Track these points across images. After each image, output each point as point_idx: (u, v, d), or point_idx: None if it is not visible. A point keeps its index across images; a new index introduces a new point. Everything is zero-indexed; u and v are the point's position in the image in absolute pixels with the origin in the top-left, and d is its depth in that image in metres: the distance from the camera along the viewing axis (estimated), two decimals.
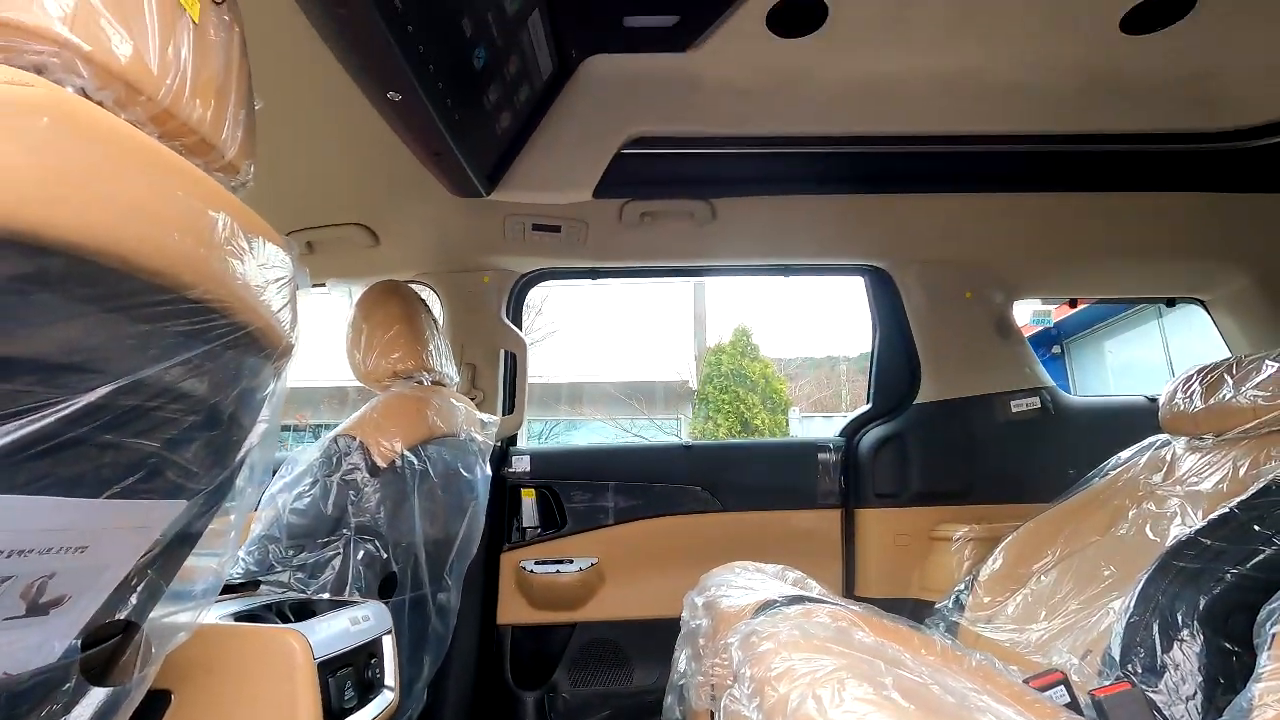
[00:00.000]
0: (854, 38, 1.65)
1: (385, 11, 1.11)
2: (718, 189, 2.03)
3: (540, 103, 1.77)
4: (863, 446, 2.21)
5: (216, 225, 0.62)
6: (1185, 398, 1.54)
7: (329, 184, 1.88)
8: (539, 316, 11.34)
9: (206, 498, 0.74)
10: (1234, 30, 1.61)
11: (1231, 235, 2.10)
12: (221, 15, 0.69)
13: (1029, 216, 2.12)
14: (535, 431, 11.42)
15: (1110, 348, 9.67)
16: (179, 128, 0.62)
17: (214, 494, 0.76)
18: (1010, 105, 1.83)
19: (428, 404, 1.53)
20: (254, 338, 0.71)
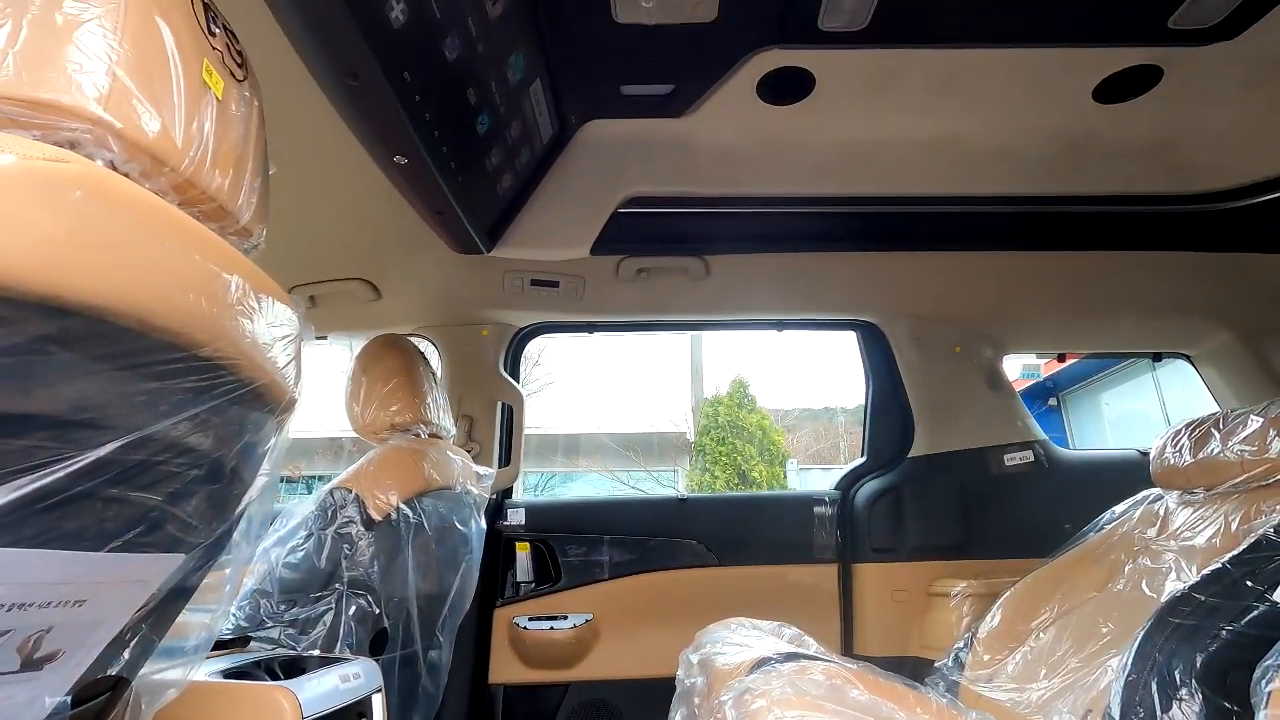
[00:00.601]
0: (840, 105, 1.73)
1: (394, 83, 1.17)
2: (711, 246, 2.09)
3: (540, 164, 1.84)
4: (858, 500, 2.21)
5: (230, 286, 0.65)
6: (1175, 452, 1.56)
7: (334, 241, 1.94)
8: (536, 368, 11.37)
9: (204, 551, 0.75)
10: (1198, 102, 1.70)
11: (1212, 292, 2.16)
12: (243, 91, 0.73)
13: (1014, 274, 2.18)
14: (531, 484, 11.31)
15: (1106, 400, 9.71)
16: (199, 196, 0.66)
17: (212, 547, 0.77)
18: (991, 169, 1.91)
19: (424, 456, 1.54)
20: (259, 393, 0.73)
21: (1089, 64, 1.62)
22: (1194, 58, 1.58)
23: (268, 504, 0.83)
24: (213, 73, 0.68)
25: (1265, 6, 1.44)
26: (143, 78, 0.59)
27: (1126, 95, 1.71)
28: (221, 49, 0.70)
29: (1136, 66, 1.62)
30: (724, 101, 1.73)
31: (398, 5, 1.09)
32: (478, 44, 1.33)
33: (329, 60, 1.10)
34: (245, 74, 0.75)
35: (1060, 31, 1.53)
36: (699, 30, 1.50)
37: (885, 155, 1.88)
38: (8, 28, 0.55)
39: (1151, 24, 1.49)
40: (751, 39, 1.55)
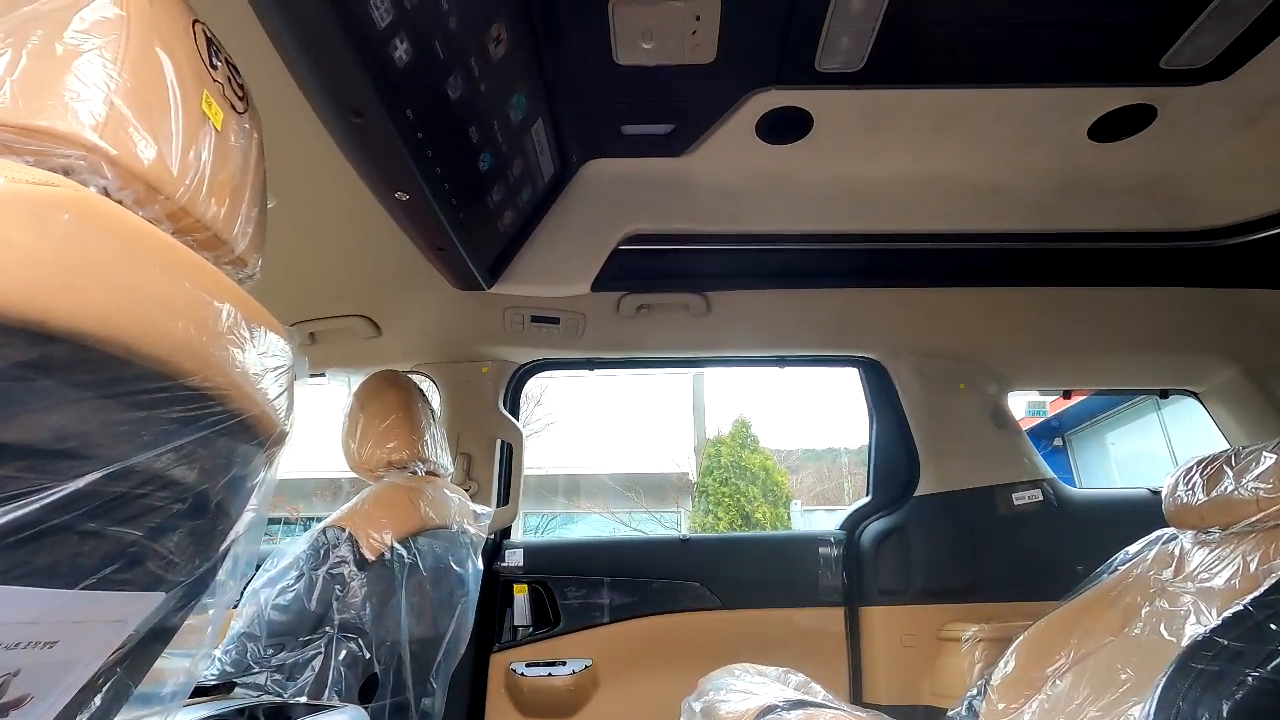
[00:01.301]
0: (838, 144, 1.75)
1: (397, 121, 1.19)
2: (712, 282, 2.09)
3: (542, 202, 1.85)
4: (864, 540, 2.16)
5: (220, 315, 0.64)
6: (1187, 490, 1.53)
7: (335, 277, 1.94)
8: (538, 407, 11.34)
9: (186, 590, 0.72)
10: (1193, 140, 1.72)
11: (1216, 329, 2.15)
12: (243, 123, 0.74)
13: (1017, 310, 2.17)
14: (531, 525, 11.16)
15: (1112, 440, 9.63)
16: (193, 224, 0.66)
17: (194, 586, 0.74)
18: (990, 206, 1.92)
19: (420, 494, 1.51)
20: (248, 425, 0.72)
21: (1083, 103, 1.64)
22: (1187, 97, 1.60)
23: (254, 542, 0.81)
24: (212, 104, 0.68)
25: (1255, 47, 1.46)
26: (140, 106, 0.59)
27: (1121, 134, 1.73)
28: (223, 81, 0.71)
29: (1130, 106, 1.64)
30: (723, 141, 1.75)
31: (401, 45, 1.11)
32: (480, 84, 1.35)
33: (333, 97, 1.12)
34: (246, 106, 0.75)
35: (1054, 72, 1.55)
36: (698, 72, 1.52)
37: (884, 192, 1.89)
38: (7, 56, 0.55)
39: (1143, 65, 1.52)
40: (750, 80, 1.58)
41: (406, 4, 1.08)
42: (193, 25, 0.68)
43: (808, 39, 1.44)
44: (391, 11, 1.06)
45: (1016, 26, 1.43)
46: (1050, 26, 1.43)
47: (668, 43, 1.45)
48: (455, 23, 1.20)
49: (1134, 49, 1.48)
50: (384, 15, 1.05)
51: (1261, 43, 1.45)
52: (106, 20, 0.60)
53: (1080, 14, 1.40)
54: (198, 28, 0.69)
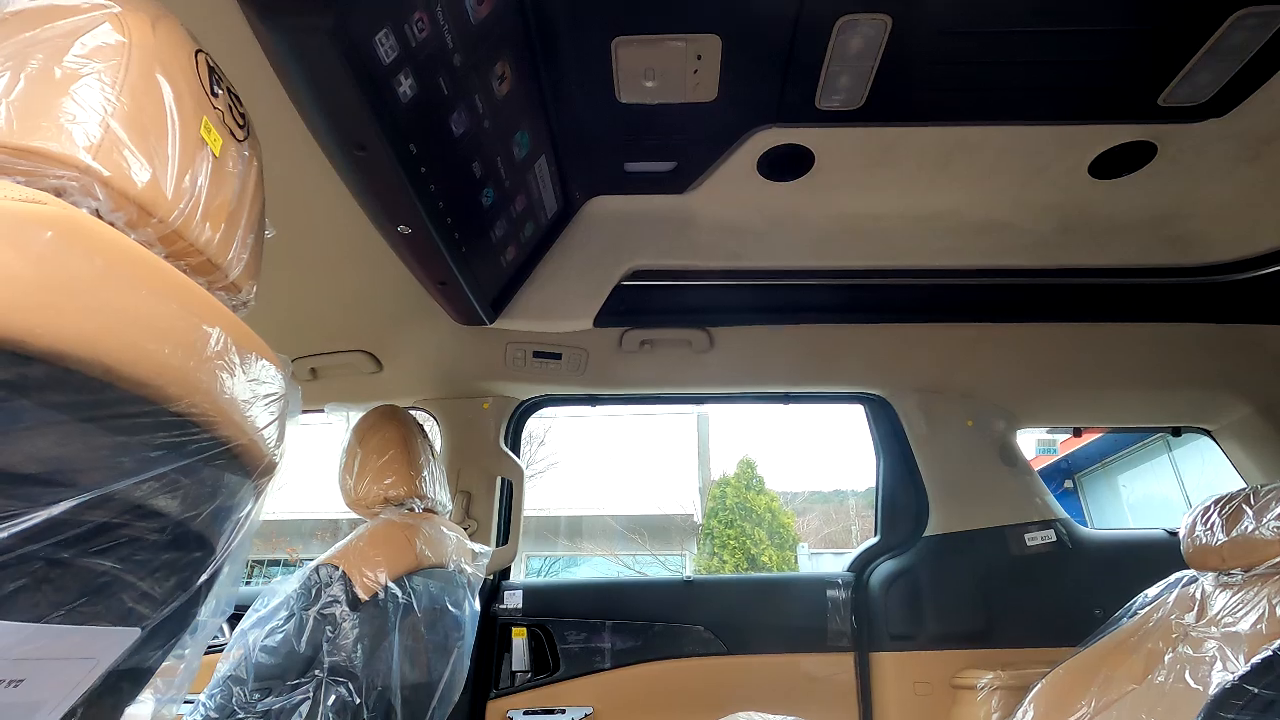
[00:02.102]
0: (840, 181, 1.76)
1: (401, 155, 1.20)
2: (714, 318, 2.08)
3: (545, 238, 1.86)
4: (873, 582, 2.10)
5: (209, 339, 0.62)
6: (1206, 530, 1.49)
7: (337, 312, 1.94)
8: (541, 447, 11.27)
9: (163, 627, 0.69)
10: (1195, 177, 1.72)
11: (1227, 365, 2.12)
12: (242, 150, 0.74)
13: (1024, 346, 2.15)
14: (534, 568, 10.96)
15: (1124, 482, 9.48)
16: (186, 248, 0.65)
17: (171, 623, 0.71)
18: (993, 242, 1.92)
19: (417, 532, 1.48)
20: (235, 454, 0.70)
21: (1083, 141, 1.65)
22: (1187, 134, 1.61)
23: (238, 578, 0.78)
24: (211, 130, 0.68)
25: (1252, 86, 1.47)
26: (137, 130, 0.59)
27: (1122, 170, 1.74)
28: (223, 109, 0.71)
29: (1130, 143, 1.65)
30: (725, 178, 1.77)
31: (406, 81, 1.12)
32: (484, 120, 1.36)
33: (337, 132, 1.13)
34: (246, 134, 0.76)
35: (1052, 110, 1.57)
36: (700, 110, 1.54)
37: (886, 228, 1.90)
38: (5, 79, 0.55)
39: (1142, 102, 1.53)
40: (751, 118, 1.59)
41: (412, 42, 1.09)
42: (195, 54, 0.69)
43: (807, 78, 1.46)
44: (397, 49, 1.07)
45: (1013, 65, 1.45)
46: (1047, 65, 1.45)
47: (669, 82, 1.47)
48: (460, 60, 1.22)
49: (1131, 87, 1.49)
50: (389, 52, 1.06)
51: (1258, 81, 1.46)
52: (108, 46, 0.60)
53: (1076, 53, 1.42)
54: (200, 57, 0.70)
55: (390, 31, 1.05)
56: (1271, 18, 1.30)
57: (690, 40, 1.38)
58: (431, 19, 1.11)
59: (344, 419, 1.63)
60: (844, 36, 1.36)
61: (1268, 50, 1.37)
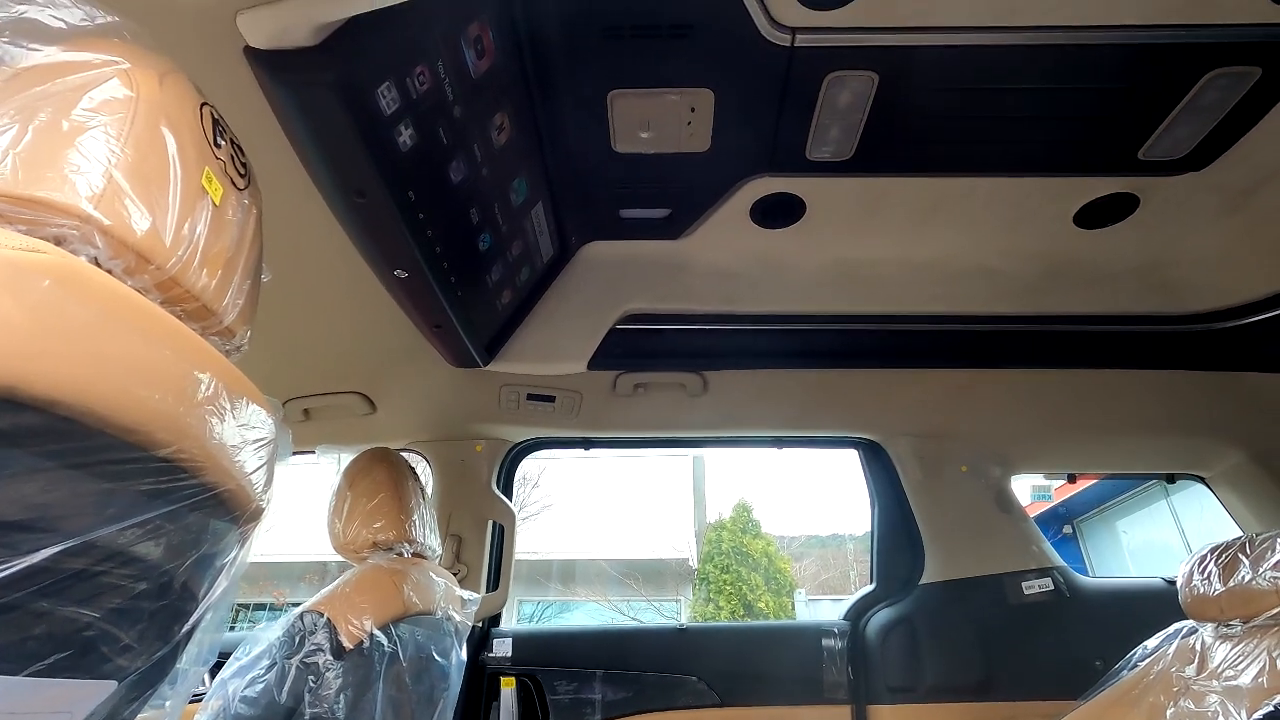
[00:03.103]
0: (831, 229, 1.80)
1: (399, 202, 1.22)
2: (708, 362, 2.09)
3: (540, 282, 1.88)
4: (869, 631, 2.06)
5: (199, 385, 0.63)
6: (1203, 580, 1.47)
7: (331, 353, 1.94)
8: (535, 489, 11.15)
9: (141, 678, 0.68)
10: (1178, 228, 1.76)
11: (1219, 412, 2.13)
12: (242, 199, 0.75)
13: (1017, 392, 2.16)
14: (526, 613, 10.73)
15: (1124, 528, 9.41)
16: (183, 294, 0.66)
17: (150, 674, 0.69)
18: (983, 289, 1.95)
19: (405, 578, 1.45)
20: (222, 500, 0.69)
21: (1067, 192, 1.70)
22: (1168, 186, 1.65)
23: (220, 626, 0.76)
24: (213, 180, 0.70)
25: (1229, 141, 1.52)
26: (139, 180, 0.61)
27: (1106, 221, 1.78)
28: (225, 159, 0.73)
29: (1113, 195, 1.69)
30: (719, 225, 1.80)
31: (406, 131, 1.15)
32: (482, 168, 1.40)
33: (337, 179, 1.15)
34: (247, 184, 0.77)
35: (1036, 162, 1.61)
36: (693, 160, 1.58)
37: (878, 276, 1.92)
38: (13, 131, 0.57)
39: (1123, 156, 1.58)
40: (743, 168, 1.63)
41: (413, 94, 1.13)
42: (201, 107, 0.71)
43: (798, 130, 1.50)
44: (398, 101, 1.11)
45: (997, 120, 1.50)
46: (1029, 120, 1.50)
47: (664, 133, 1.51)
48: (459, 111, 1.25)
49: (1112, 141, 1.54)
50: (390, 104, 1.09)
51: (1234, 137, 1.51)
52: (115, 100, 0.62)
53: (1058, 109, 1.46)
54: (205, 110, 0.72)
55: (392, 84, 1.08)
56: (1242, 78, 1.36)
57: (684, 93, 1.42)
58: (432, 72, 1.14)
59: (334, 460, 1.62)
60: (833, 91, 1.41)
61: (1241, 108, 1.42)
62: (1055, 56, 1.33)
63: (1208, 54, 1.32)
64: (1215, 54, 1.31)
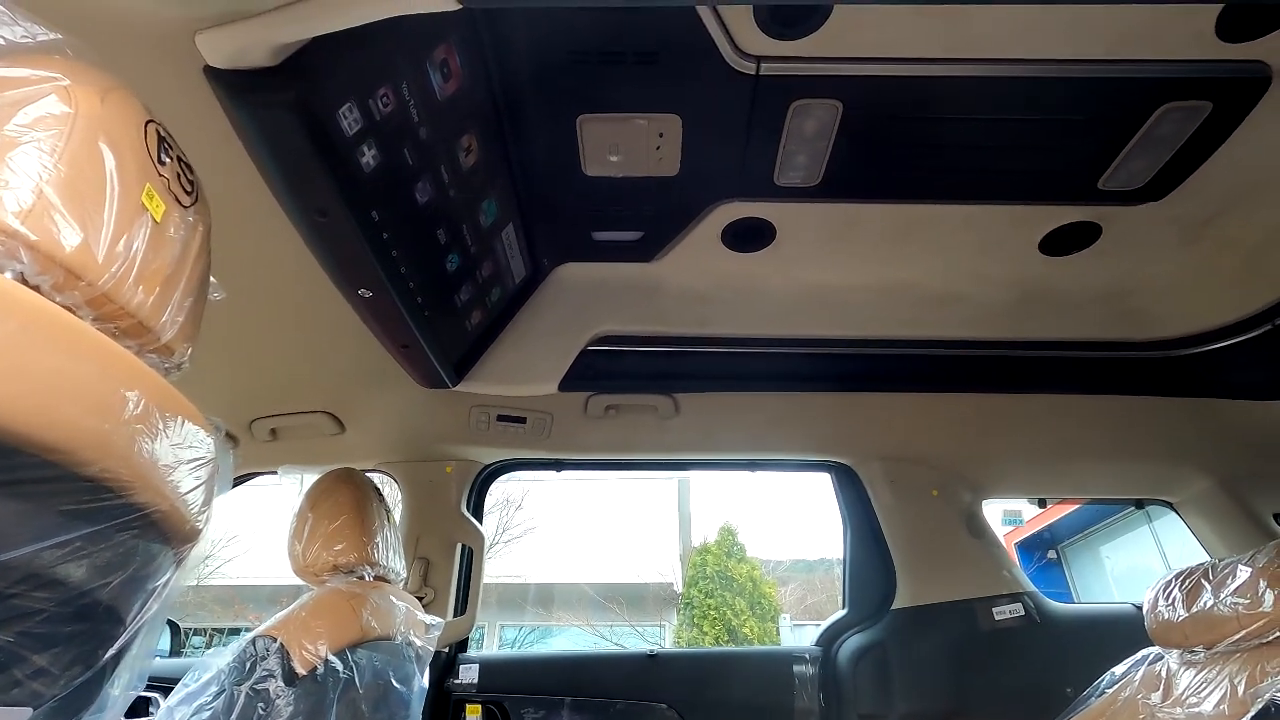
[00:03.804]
0: (801, 253, 1.81)
1: (362, 221, 1.22)
2: (681, 384, 2.09)
3: (512, 303, 1.88)
4: (841, 657, 2.04)
5: (128, 403, 0.62)
6: (1168, 606, 1.48)
7: (299, 372, 1.93)
8: (518, 511, 11.04)
9: (61, 706, 0.65)
10: (1139, 256, 1.79)
11: (1186, 438, 2.15)
12: (186, 216, 0.75)
13: (988, 416, 2.17)
14: (509, 639, 10.54)
15: (1106, 553, 9.43)
16: (116, 311, 0.65)
17: (73, 699, 0.67)
18: (953, 315, 1.97)
19: (364, 602, 1.42)
20: (153, 521, 0.68)
21: (1032, 220, 1.72)
22: (1128, 216, 1.68)
23: (150, 651, 0.74)
24: (154, 196, 0.69)
25: (1185, 172, 1.56)
26: (72, 196, 0.60)
27: (1071, 249, 1.80)
28: (169, 176, 0.73)
29: (1076, 223, 1.72)
30: (691, 248, 1.81)
31: (369, 151, 1.16)
32: (450, 189, 1.40)
33: (298, 198, 1.15)
34: (194, 201, 0.77)
35: (1001, 190, 1.64)
36: (664, 183, 1.60)
37: (849, 300, 1.94)
38: None
39: (1084, 185, 1.61)
40: (713, 193, 1.65)
41: (376, 115, 1.13)
42: (145, 125, 0.71)
43: (766, 156, 1.52)
44: (360, 122, 1.11)
45: (961, 148, 1.53)
46: (993, 149, 1.53)
47: (633, 157, 1.53)
48: (425, 133, 1.26)
49: (1073, 171, 1.57)
50: (352, 125, 1.10)
51: (1190, 168, 1.54)
52: (51, 116, 0.62)
53: (1020, 139, 1.49)
54: (151, 127, 0.72)
55: (354, 105, 1.09)
56: (1195, 112, 1.39)
57: (652, 119, 1.44)
58: (397, 94, 1.15)
59: (297, 481, 1.60)
60: (798, 119, 1.43)
61: (1195, 140, 1.46)
62: (1014, 88, 1.36)
63: (1160, 88, 1.35)
64: (1167, 88, 1.35)
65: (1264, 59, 1.28)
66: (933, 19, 1.23)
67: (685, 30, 1.24)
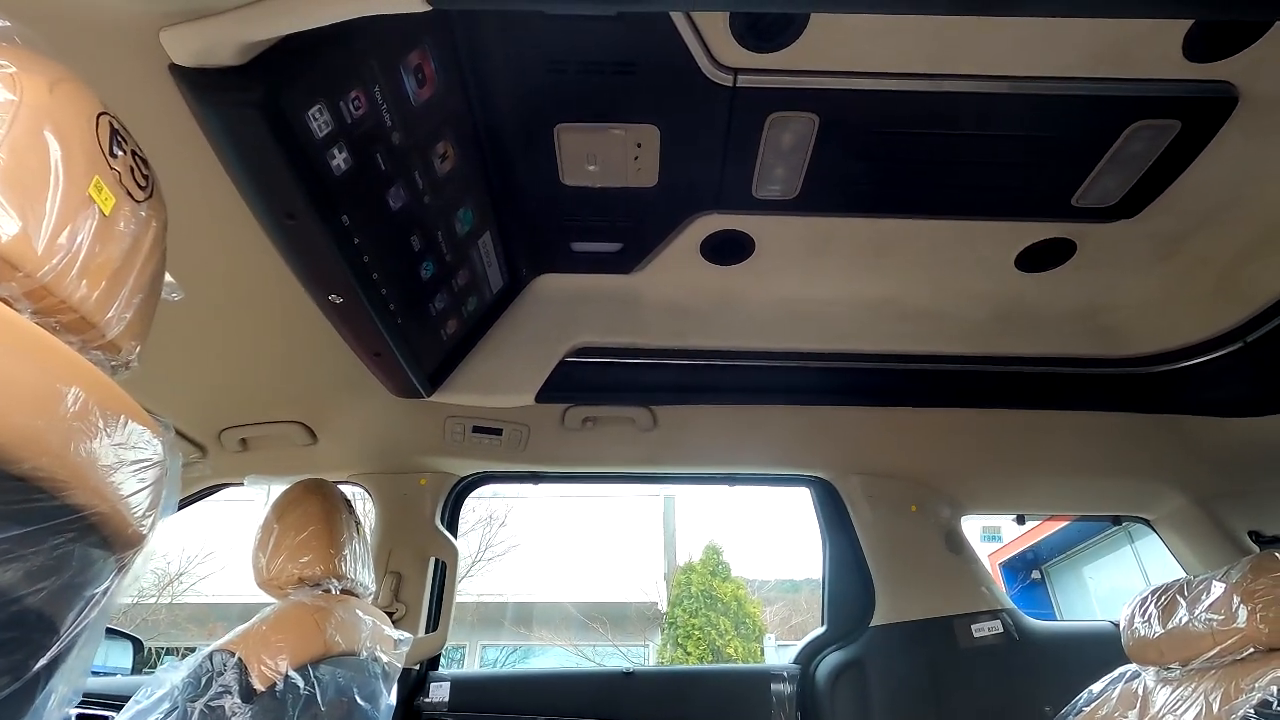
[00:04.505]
0: (780, 266, 1.81)
1: (332, 226, 1.20)
2: (659, 396, 2.08)
3: (489, 313, 1.86)
4: (819, 675, 2.01)
5: (65, 399, 0.59)
6: (1144, 622, 1.48)
7: (270, 381, 1.89)
8: (502, 528, 10.92)
9: None
10: (1113, 272, 1.81)
11: (1159, 455, 2.16)
12: (138, 211, 0.73)
13: (966, 432, 2.17)
14: (490, 659, 10.37)
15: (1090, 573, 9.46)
16: (57, 304, 0.63)
17: (0, 713, 0.64)
18: (930, 329, 1.97)
19: (328, 616, 1.39)
20: (91, 524, 0.65)
21: (1007, 236, 1.74)
22: (1102, 233, 1.70)
23: (86, 663, 0.71)
24: (103, 189, 0.67)
25: (1156, 190, 1.58)
26: (12, 185, 0.58)
27: (1046, 265, 1.82)
28: (122, 170, 0.71)
29: (1052, 239, 1.73)
30: (670, 260, 1.81)
31: (340, 155, 1.14)
32: (424, 196, 1.39)
33: (266, 200, 1.13)
34: (148, 195, 0.75)
35: (977, 206, 1.65)
36: (642, 194, 1.59)
37: (827, 313, 1.94)
38: None
39: (1058, 202, 1.62)
40: (691, 204, 1.65)
41: (347, 118, 1.12)
42: (98, 116, 0.69)
43: (744, 168, 1.52)
44: (331, 124, 1.10)
45: (937, 164, 1.54)
46: (968, 165, 1.54)
47: (611, 167, 1.52)
48: (399, 138, 1.25)
49: (1047, 188, 1.59)
50: (322, 127, 1.09)
51: (1162, 186, 1.56)
52: None
53: (995, 154, 1.51)
54: (103, 119, 0.70)
55: (325, 108, 1.07)
56: (1164, 130, 1.41)
57: (629, 129, 1.44)
58: (369, 98, 1.14)
59: (264, 492, 1.56)
60: (775, 131, 1.43)
61: (1166, 158, 1.48)
62: (987, 104, 1.37)
63: (1130, 106, 1.37)
64: (1137, 107, 1.37)
65: (1230, 80, 1.30)
66: (907, 34, 1.25)
67: (662, 42, 1.25)
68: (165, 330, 0.80)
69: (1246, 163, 1.45)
